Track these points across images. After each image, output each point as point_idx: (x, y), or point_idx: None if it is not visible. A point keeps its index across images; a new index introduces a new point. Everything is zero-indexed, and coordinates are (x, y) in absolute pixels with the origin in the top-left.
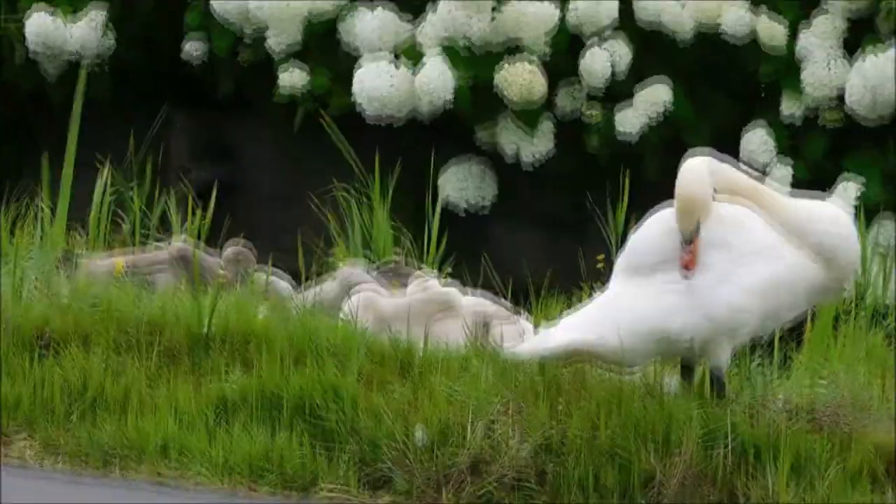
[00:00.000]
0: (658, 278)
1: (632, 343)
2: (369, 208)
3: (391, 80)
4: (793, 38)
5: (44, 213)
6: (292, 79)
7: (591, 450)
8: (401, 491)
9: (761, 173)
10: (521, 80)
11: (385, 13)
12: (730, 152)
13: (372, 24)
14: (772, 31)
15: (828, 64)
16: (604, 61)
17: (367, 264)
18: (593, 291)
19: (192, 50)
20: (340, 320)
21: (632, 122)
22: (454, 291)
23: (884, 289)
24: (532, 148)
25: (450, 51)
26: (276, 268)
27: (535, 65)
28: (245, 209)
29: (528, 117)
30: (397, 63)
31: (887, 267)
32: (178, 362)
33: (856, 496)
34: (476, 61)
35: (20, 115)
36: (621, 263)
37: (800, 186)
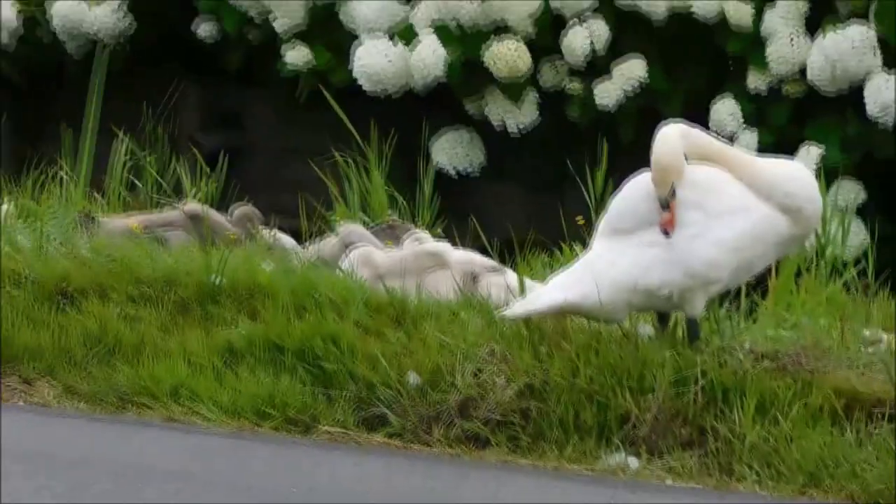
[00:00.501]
0: (637, 238)
1: (615, 298)
2: (367, 173)
3: (388, 57)
4: (758, 17)
5: (65, 178)
6: (296, 56)
7: (571, 391)
8: (395, 430)
9: (729, 140)
10: (507, 57)
11: None
12: (700, 121)
13: (370, 6)
14: (739, 11)
15: (791, 41)
16: (584, 39)
17: (364, 224)
18: (573, 248)
19: (203, 29)
20: (339, 274)
21: (610, 93)
22: (445, 246)
23: (842, 244)
24: (517, 118)
25: (442, 30)
26: (280, 227)
27: (521, 43)
28: (251, 174)
29: (513, 90)
30: (394, 42)
31: (845, 224)
32: (189, 313)
33: (816, 433)
34: (466, 40)
35: (40, 89)
36: (603, 226)
37: (765, 152)
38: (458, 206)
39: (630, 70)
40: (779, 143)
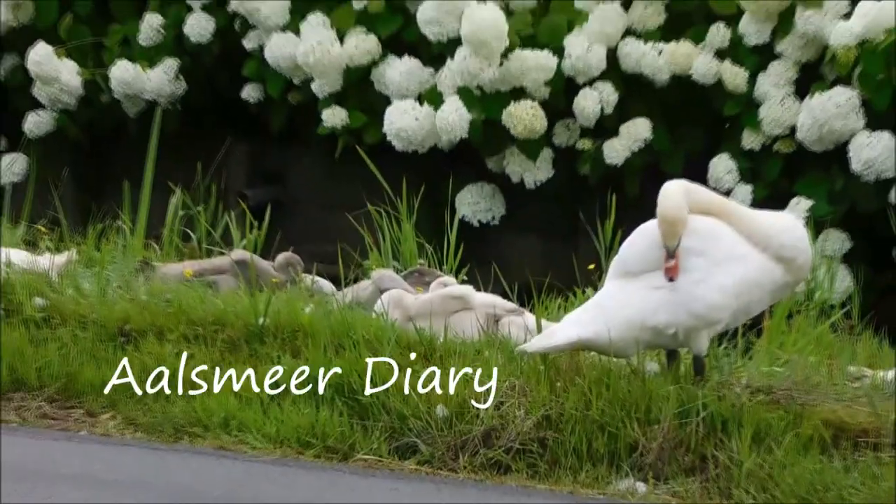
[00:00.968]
0: (644, 281)
1: (625, 335)
2: (398, 223)
3: (416, 117)
4: (752, 81)
5: (125, 229)
6: (333, 116)
7: (584, 422)
8: (425, 457)
9: (726, 194)
10: (524, 118)
11: (411, 63)
12: (699, 177)
13: (400, 71)
14: (734, 75)
15: (782, 103)
16: (594, 102)
17: (396, 270)
18: (585, 292)
19: (249, 92)
20: (373, 315)
21: (618, 151)
22: (468, 290)
23: (830, 289)
24: (534, 173)
25: (465, 93)
26: (319, 273)
27: (536, 105)
28: (293, 225)
29: (530, 148)
30: (421, 104)
31: (832, 271)
32: (238, 351)
33: (807, 460)
34: (487, 102)
35: (100, 148)
36: (614, 268)
37: (759, 204)
38: (481, 253)
39: (636, 130)
40: (771, 197)
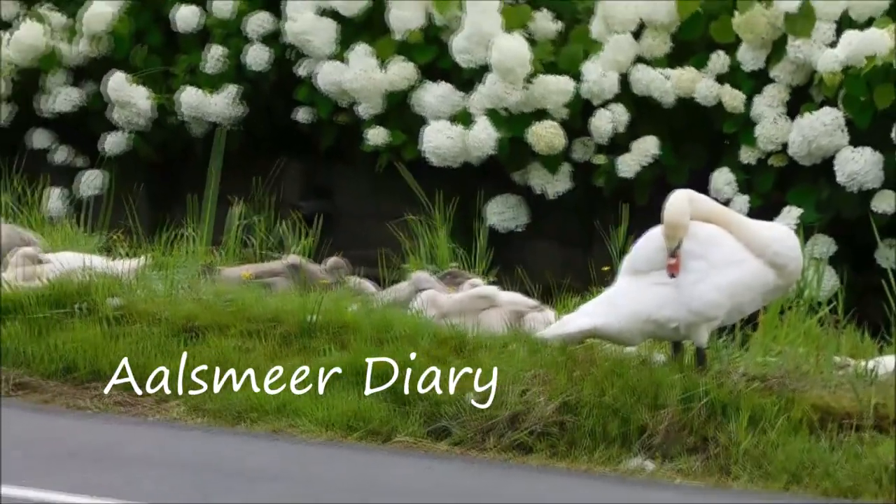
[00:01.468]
0: (651, 278)
1: (631, 326)
2: (433, 231)
3: (449, 136)
4: (749, 102)
5: (191, 237)
6: (376, 136)
7: (599, 407)
8: (457, 439)
9: (726, 204)
10: (545, 136)
11: (445, 87)
12: (702, 188)
13: (435, 95)
14: (733, 98)
15: (775, 122)
16: (608, 121)
17: (431, 272)
18: (600, 293)
19: (301, 115)
20: (411, 313)
21: (629, 165)
22: (495, 290)
23: (818, 288)
24: (554, 185)
25: (492, 114)
26: (363, 276)
27: (556, 124)
28: (340, 233)
29: (551, 163)
30: (454, 124)
31: (820, 271)
32: (291, 345)
33: (797, 440)
34: (512, 122)
35: (170, 165)
36: (625, 267)
37: (755, 213)
38: (507, 257)
39: (645, 146)
40: (765, 206)
